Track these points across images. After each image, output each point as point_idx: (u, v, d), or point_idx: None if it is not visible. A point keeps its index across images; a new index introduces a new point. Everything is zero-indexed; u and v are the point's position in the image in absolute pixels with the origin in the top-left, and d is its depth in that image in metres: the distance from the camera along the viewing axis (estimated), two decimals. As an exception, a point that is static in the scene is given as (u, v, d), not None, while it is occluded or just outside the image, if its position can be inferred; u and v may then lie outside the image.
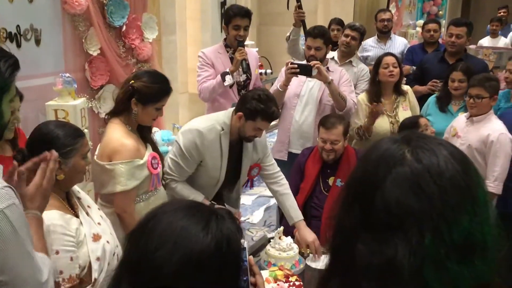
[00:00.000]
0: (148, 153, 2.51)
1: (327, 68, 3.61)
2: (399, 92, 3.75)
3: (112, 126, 2.48)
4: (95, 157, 2.51)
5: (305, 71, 3.37)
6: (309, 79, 3.58)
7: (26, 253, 1.31)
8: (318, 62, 3.39)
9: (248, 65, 3.69)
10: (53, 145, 1.81)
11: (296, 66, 3.37)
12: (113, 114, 2.54)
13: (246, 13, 3.66)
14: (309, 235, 2.79)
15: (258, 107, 2.66)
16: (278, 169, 3.09)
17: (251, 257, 1.27)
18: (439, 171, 0.83)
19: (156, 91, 2.48)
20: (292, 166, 3.39)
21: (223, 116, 2.85)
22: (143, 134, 2.58)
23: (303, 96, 3.64)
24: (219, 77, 3.52)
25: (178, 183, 2.82)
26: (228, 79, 3.49)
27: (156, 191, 2.60)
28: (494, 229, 0.84)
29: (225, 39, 3.78)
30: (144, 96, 2.44)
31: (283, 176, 3.08)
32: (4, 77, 1.35)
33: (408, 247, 0.80)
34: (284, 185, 3.04)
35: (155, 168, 2.53)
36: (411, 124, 3.39)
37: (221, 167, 2.85)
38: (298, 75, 3.45)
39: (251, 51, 4.00)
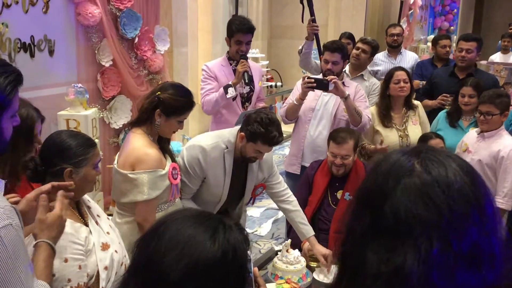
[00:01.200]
0: (169, 163, 2.54)
1: (343, 83, 3.60)
2: (409, 106, 3.75)
3: (134, 135, 2.50)
4: (115, 165, 2.52)
5: (322, 85, 3.34)
6: (324, 93, 3.57)
7: (17, 277, 1.25)
8: (335, 77, 3.36)
9: (250, 77, 3.69)
10: (65, 154, 1.84)
11: (312, 80, 3.34)
12: (135, 124, 2.57)
13: (248, 30, 3.62)
14: (324, 249, 2.79)
15: (258, 130, 2.63)
16: (286, 186, 3.05)
17: (256, 268, 1.28)
18: (448, 182, 0.85)
19: (181, 104, 2.50)
20: None
21: (228, 134, 2.83)
22: (162, 145, 2.60)
23: (318, 110, 3.62)
24: (221, 89, 3.52)
25: (183, 200, 2.81)
26: (231, 92, 3.49)
27: (174, 201, 2.61)
28: (501, 239, 0.85)
29: (228, 52, 3.80)
30: (169, 108, 2.46)
31: (290, 193, 3.04)
32: (4, 93, 1.31)
33: (417, 255, 0.82)
34: (292, 202, 3.01)
35: (175, 179, 2.56)
36: (423, 141, 3.44)
37: (224, 185, 2.83)
38: (315, 90, 3.45)
39: (255, 65, 3.99)
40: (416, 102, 3.86)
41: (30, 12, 3.41)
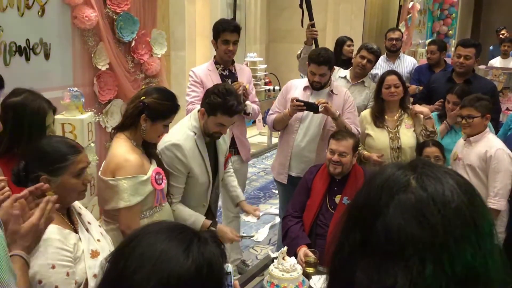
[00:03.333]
0: (153, 169, 2.51)
1: (331, 91, 3.58)
2: (404, 108, 3.76)
3: (117, 141, 2.49)
4: (99, 172, 2.50)
5: (311, 108, 3.34)
6: (311, 100, 3.55)
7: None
8: (325, 101, 3.35)
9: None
10: (42, 161, 1.80)
11: (302, 104, 3.34)
12: (119, 129, 2.55)
13: (234, 28, 3.62)
14: (252, 208, 3.13)
15: (216, 100, 2.68)
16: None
17: (236, 282, 1.24)
18: (444, 200, 0.80)
19: (167, 108, 2.50)
20: (292, 188, 3.38)
21: (190, 119, 2.87)
22: (148, 150, 2.58)
23: (305, 120, 3.58)
24: None
25: (177, 205, 2.82)
26: None
27: (160, 207, 2.58)
28: (498, 262, 0.81)
29: (215, 56, 3.77)
30: (154, 112, 2.46)
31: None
32: None
33: (408, 276, 0.77)
34: (231, 169, 3.30)
35: (159, 184, 2.53)
36: (419, 148, 3.50)
37: (206, 170, 2.89)
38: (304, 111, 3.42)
39: (243, 68, 3.98)
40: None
41: (25, 16, 3.38)
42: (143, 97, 2.47)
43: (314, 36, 4.22)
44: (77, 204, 2.00)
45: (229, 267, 1.11)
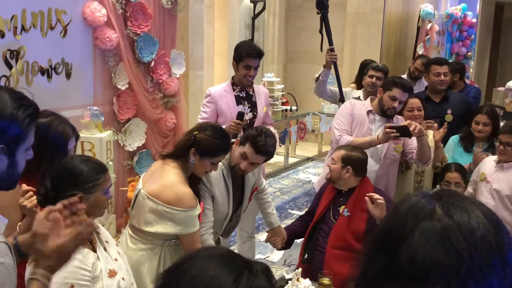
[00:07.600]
0: (199, 203, 2.58)
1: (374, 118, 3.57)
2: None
3: (170, 169, 2.51)
4: (142, 190, 2.50)
5: (405, 133, 3.19)
6: (375, 131, 3.45)
7: None
8: (414, 122, 3.22)
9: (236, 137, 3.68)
10: (76, 180, 1.84)
11: (395, 130, 3.18)
12: (170, 156, 2.59)
13: (257, 55, 3.60)
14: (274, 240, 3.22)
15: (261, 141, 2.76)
16: (265, 182, 3.39)
17: None
18: (470, 228, 0.81)
19: (215, 147, 2.53)
20: None
21: None
22: (192, 184, 2.60)
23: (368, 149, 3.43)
24: None
25: (210, 240, 2.82)
26: None
27: None
28: None
29: (233, 77, 3.75)
30: (203, 148, 2.50)
31: (267, 187, 3.45)
32: (22, 126, 1.31)
33: None
34: (267, 195, 3.40)
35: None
36: (442, 171, 3.48)
37: (228, 201, 2.90)
38: (401, 138, 3.30)
39: (261, 89, 3.95)
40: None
41: (48, 36, 3.46)
42: (196, 132, 2.53)
43: (333, 60, 4.25)
44: (95, 222, 2.03)
45: None
